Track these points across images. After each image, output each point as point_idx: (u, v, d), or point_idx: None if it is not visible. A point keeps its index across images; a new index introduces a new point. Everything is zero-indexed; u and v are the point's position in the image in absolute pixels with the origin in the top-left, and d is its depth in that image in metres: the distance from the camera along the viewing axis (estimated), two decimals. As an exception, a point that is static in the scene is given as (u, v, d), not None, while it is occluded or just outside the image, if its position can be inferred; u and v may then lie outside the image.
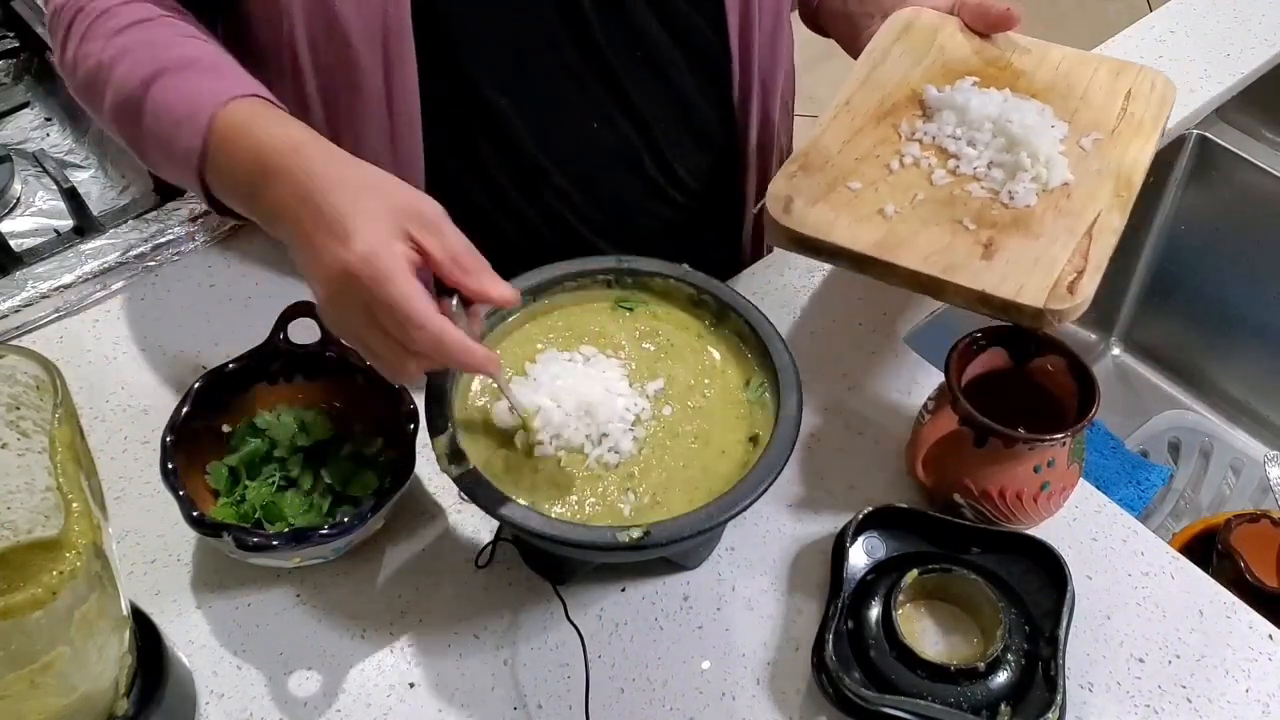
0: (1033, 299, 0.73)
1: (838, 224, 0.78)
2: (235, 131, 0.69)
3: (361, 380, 0.79)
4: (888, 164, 0.83)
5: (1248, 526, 0.95)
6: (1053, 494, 0.76)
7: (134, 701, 0.64)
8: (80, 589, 0.53)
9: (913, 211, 0.79)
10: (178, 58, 0.73)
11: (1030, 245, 0.76)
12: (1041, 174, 0.80)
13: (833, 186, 0.81)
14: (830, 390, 0.90)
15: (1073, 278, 0.74)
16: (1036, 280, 0.74)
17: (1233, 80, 1.19)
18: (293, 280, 0.96)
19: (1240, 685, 0.74)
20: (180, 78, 0.72)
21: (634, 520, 0.69)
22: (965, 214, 0.79)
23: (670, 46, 0.89)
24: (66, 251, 0.96)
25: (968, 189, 0.81)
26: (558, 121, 0.89)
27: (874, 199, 0.80)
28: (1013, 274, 0.74)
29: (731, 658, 0.75)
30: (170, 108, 0.71)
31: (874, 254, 0.76)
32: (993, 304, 0.74)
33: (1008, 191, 0.80)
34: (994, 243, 0.76)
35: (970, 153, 0.83)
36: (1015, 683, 0.70)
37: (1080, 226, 0.78)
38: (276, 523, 0.76)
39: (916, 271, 0.75)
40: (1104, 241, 0.77)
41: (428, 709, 0.72)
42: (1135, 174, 0.82)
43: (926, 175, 0.82)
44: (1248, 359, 1.29)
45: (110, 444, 0.85)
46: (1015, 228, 0.78)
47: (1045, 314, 0.73)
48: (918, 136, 0.85)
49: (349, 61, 0.80)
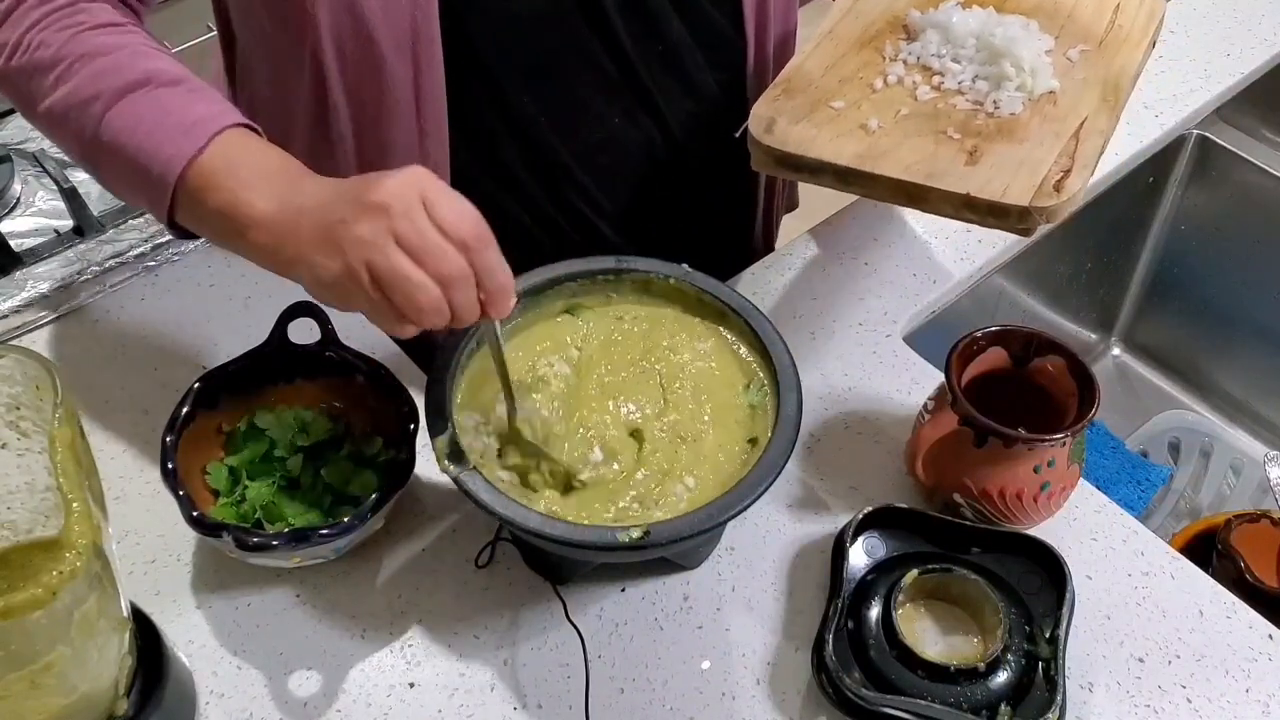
0: (1018, 198, 0.73)
1: (819, 139, 0.79)
2: (255, 148, 0.68)
3: (361, 380, 0.79)
4: (871, 84, 0.84)
5: (1248, 526, 0.95)
6: (1053, 494, 0.76)
7: (134, 701, 0.64)
8: (80, 589, 0.53)
9: (896, 125, 0.80)
10: (171, 71, 0.71)
11: (1015, 150, 0.77)
12: (1026, 82, 0.81)
13: (815, 106, 0.82)
14: (830, 390, 0.90)
15: (1059, 176, 0.74)
16: (1022, 181, 0.74)
17: (1233, 80, 1.19)
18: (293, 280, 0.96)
19: (1240, 685, 0.74)
20: (179, 90, 0.70)
21: (634, 520, 0.69)
22: (949, 125, 0.80)
23: (690, 42, 0.90)
24: (66, 251, 0.96)
25: (952, 102, 0.82)
26: (581, 120, 0.90)
27: (856, 115, 0.81)
28: (998, 177, 0.75)
29: (731, 658, 0.74)
30: (168, 113, 0.69)
31: (856, 165, 0.77)
32: (978, 207, 0.74)
33: (992, 101, 0.81)
34: (978, 150, 0.77)
35: (954, 68, 0.84)
36: (1015, 683, 0.70)
37: (1067, 130, 0.78)
38: (276, 523, 0.76)
39: (900, 180, 0.76)
40: (1092, 143, 0.77)
41: (428, 709, 0.72)
42: (1123, 80, 0.82)
43: (910, 92, 0.83)
44: (1248, 359, 1.29)
45: (110, 444, 0.85)
46: (1000, 135, 0.78)
47: (1032, 212, 0.73)
48: (901, 57, 0.86)
49: (377, 68, 0.81)
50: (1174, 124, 1.15)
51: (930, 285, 0.98)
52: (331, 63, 0.81)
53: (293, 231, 0.64)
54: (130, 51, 0.71)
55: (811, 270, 0.99)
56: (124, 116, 0.68)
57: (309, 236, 0.63)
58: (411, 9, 0.79)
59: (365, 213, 0.61)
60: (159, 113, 0.68)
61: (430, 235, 0.61)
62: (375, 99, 0.82)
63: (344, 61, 0.81)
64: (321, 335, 0.79)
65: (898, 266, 0.99)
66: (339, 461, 0.79)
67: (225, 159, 0.67)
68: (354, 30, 0.79)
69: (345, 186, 0.64)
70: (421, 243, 0.61)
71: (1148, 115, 1.15)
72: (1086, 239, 1.20)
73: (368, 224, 0.61)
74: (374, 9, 0.78)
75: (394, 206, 0.61)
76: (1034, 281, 1.17)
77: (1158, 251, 1.30)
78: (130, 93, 0.69)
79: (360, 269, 0.61)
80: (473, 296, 0.63)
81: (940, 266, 1.00)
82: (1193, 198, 1.25)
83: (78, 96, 0.69)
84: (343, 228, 0.61)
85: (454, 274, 0.61)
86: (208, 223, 0.68)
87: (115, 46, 0.71)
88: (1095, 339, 1.38)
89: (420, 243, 0.61)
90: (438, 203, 0.61)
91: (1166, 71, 1.19)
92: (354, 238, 0.61)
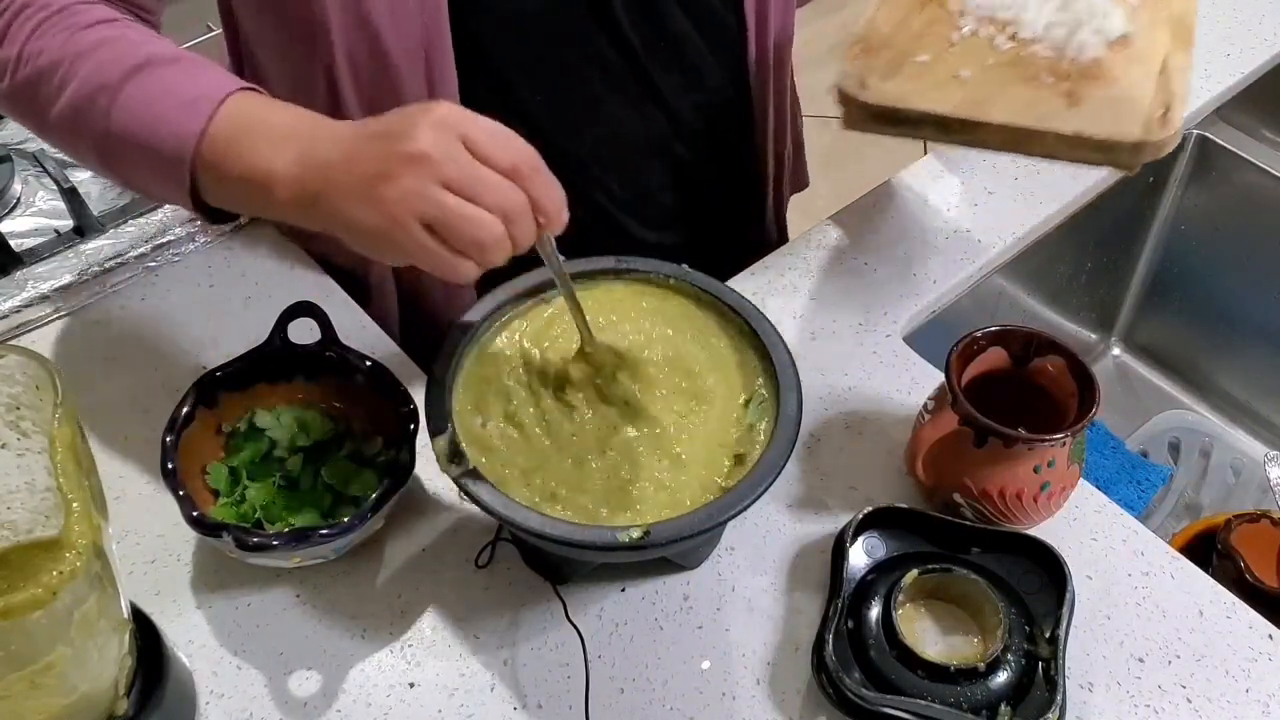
0: (1129, 134, 0.75)
1: (916, 92, 0.80)
2: (261, 109, 0.68)
3: (361, 380, 0.79)
4: (947, 37, 0.85)
5: (1248, 526, 0.95)
6: (1053, 494, 0.76)
7: (134, 701, 0.64)
8: (80, 589, 0.53)
9: (986, 75, 0.81)
10: (167, 51, 0.71)
11: (1110, 89, 0.79)
12: (1102, 25, 0.82)
13: (900, 62, 0.83)
14: (830, 390, 0.90)
15: (1161, 111, 0.77)
16: (1128, 117, 0.76)
17: (1233, 80, 1.19)
18: (293, 280, 0.97)
19: (1240, 685, 0.74)
20: (178, 68, 0.70)
21: (634, 520, 0.69)
22: (1039, 71, 0.81)
23: (693, 34, 0.91)
24: (66, 251, 0.96)
25: (1032, 50, 0.83)
26: (590, 114, 0.91)
27: (945, 68, 0.82)
28: (1103, 115, 0.77)
29: (731, 658, 0.75)
30: (170, 91, 0.68)
31: (962, 114, 0.78)
32: (1090, 145, 0.76)
33: (1075, 44, 0.82)
34: (1075, 92, 0.79)
35: (1026, 17, 0.84)
36: (1015, 683, 0.70)
37: (1153, 68, 0.80)
38: (276, 523, 0.76)
39: (1009, 125, 0.78)
40: (1181, 77, 0.79)
41: (428, 709, 0.72)
42: (1188, 18, 0.84)
43: (988, 43, 0.84)
44: (1248, 359, 1.29)
45: (110, 444, 0.85)
46: (1090, 78, 0.80)
47: (1145, 146, 0.75)
48: (970, 10, 0.86)
49: (392, 79, 0.81)
50: (1174, 124, 1.15)
51: (930, 285, 0.98)
52: (346, 78, 0.81)
53: (322, 187, 0.63)
54: (127, 40, 0.71)
55: (812, 270, 0.99)
56: (130, 103, 0.68)
57: (343, 191, 0.62)
58: (421, 17, 0.79)
59: (407, 165, 0.60)
60: (161, 93, 0.68)
61: (482, 172, 0.61)
62: (391, 107, 0.83)
63: (358, 76, 0.81)
64: (321, 335, 0.79)
65: (898, 266, 0.99)
66: (339, 461, 0.79)
67: (235, 126, 0.67)
68: (367, 45, 0.79)
69: (368, 132, 0.63)
70: (475, 183, 0.60)
71: (1148, 115, 1.15)
72: (1086, 239, 1.20)
73: (412, 177, 0.60)
74: (385, 23, 0.78)
75: (435, 154, 0.60)
76: (1034, 281, 1.17)
77: (1158, 251, 1.30)
78: (132, 78, 0.68)
79: (409, 220, 0.60)
80: (530, 224, 0.63)
81: (940, 266, 1.00)
82: (1193, 198, 1.25)
83: (82, 93, 0.69)
84: (384, 183, 0.60)
85: (514, 206, 0.61)
86: (232, 193, 0.68)
87: (113, 38, 0.71)
88: (1095, 339, 1.38)
89: (473, 184, 0.60)
90: (478, 139, 0.61)
91: (1166, 71, 1.19)
92: (400, 192, 0.60)
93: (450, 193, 0.60)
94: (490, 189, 0.61)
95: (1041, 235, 1.06)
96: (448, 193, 0.60)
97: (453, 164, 0.60)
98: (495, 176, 0.61)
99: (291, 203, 0.65)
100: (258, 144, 0.66)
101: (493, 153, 0.61)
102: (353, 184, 0.62)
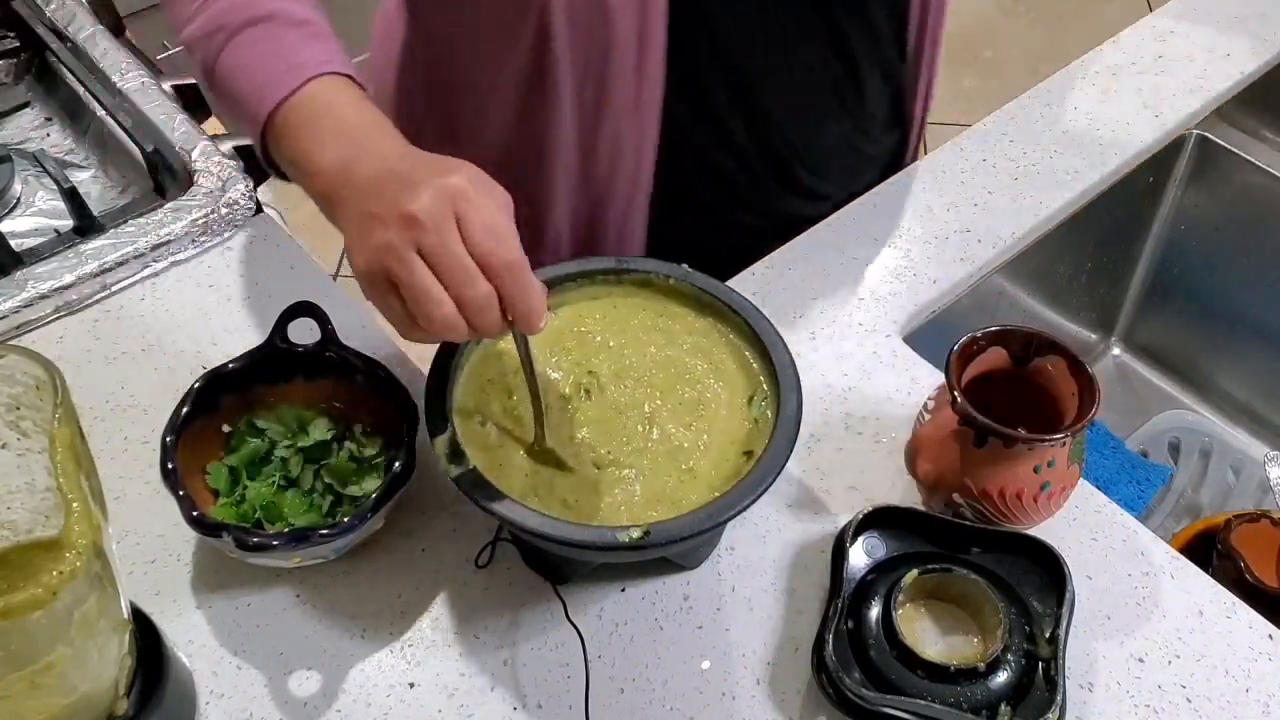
0: None
1: None
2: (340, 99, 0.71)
3: (361, 380, 0.79)
4: None
5: (1248, 526, 0.95)
6: (1053, 494, 0.76)
7: (134, 701, 0.64)
8: (80, 589, 0.53)
9: None
10: (297, 12, 0.74)
11: None
12: None
13: None
14: (830, 390, 0.90)
15: None
16: None
17: (1233, 80, 1.19)
18: (293, 280, 0.97)
19: (1240, 685, 0.74)
20: (294, 32, 0.73)
21: (634, 520, 0.69)
22: None
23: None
24: (66, 251, 0.96)
25: None
26: (789, 68, 0.93)
27: None
28: None
29: (731, 658, 0.75)
30: (274, 53, 0.72)
31: None
32: None
33: None
34: None
35: None
36: (1015, 683, 0.70)
37: None
38: (276, 523, 0.76)
39: None
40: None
41: (428, 709, 0.72)
42: None
43: None
44: (1248, 359, 1.29)
45: (110, 444, 0.85)
46: None
47: None
48: None
49: (605, 27, 0.82)
50: (1174, 124, 1.15)
51: (930, 285, 0.98)
52: (561, 26, 0.82)
53: (341, 199, 0.66)
54: None
55: (811, 270, 0.99)
56: (238, 50, 0.73)
57: (350, 214, 0.64)
58: None
59: (397, 220, 0.60)
60: (270, 51, 0.72)
61: (455, 256, 0.60)
62: (601, 54, 0.84)
63: (574, 23, 0.82)
64: (321, 335, 0.79)
65: (898, 266, 0.99)
66: (339, 461, 0.79)
67: (309, 108, 0.70)
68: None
69: (401, 168, 0.64)
70: (447, 262, 0.60)
71: (1148, 115, 1.15)
72: (1086, 239, 1.20)
73: (395, 231, 0.60)
74: None
75: (424, 221, 0.60)
76: (1034, 281, 1.17)
77: (1158, 251, 1.30)
78: (248, 28, 0.73)
79: (378, 269, 0.61)
80: (494, 318, 0.62)
81: (940, 266, 1.00)
82: (1193, 198, 1.25)
83: (207, 27, 0.74)
84: (374, 225, 0.61)
85: (475, 299, 0.61)
86: (285, 164, 0.72)
87: None
88: (1095, 339, 1.38)
89: (445, 262, 0.60)
90: (471, 220, 0.60)
91: (1166, 71, 1.19)
92: (381, 241, 0.60)
93: (420, 262, 0.60)
94: (454, 273, 0.60)
95: (1041, 235, 1.06)
96: (419, 261, 0.60)
97: (434, 236, 0.60)
98: (468, 265, 0.60)
99: (318, 197, 0.68)
100: (318, 133, 0.69)
101: (477, 237, 0.60)
102: (358, 212, 0.63)
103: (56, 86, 1.14)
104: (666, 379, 0.76)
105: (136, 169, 1.04)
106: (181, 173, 1.01)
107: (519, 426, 0.73)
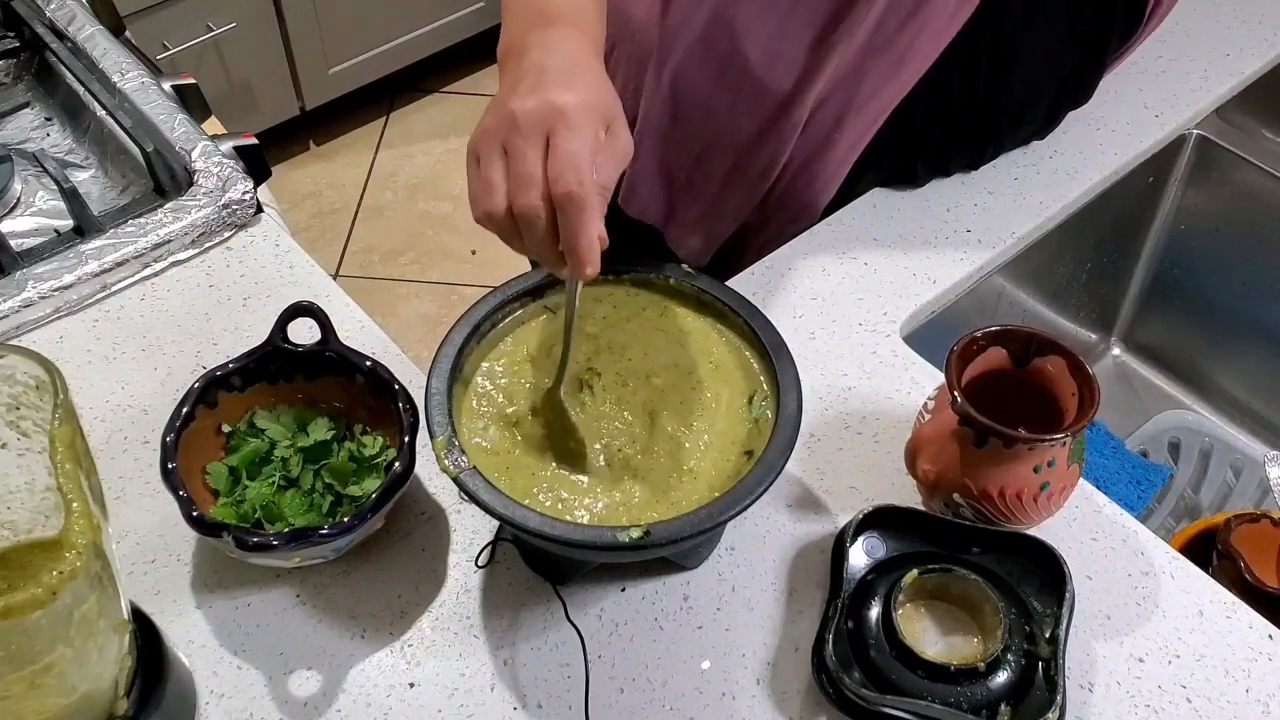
0: None
1: None
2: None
3: (361, 380, 0.79)
4: None
5: (1248, 526, 0.95)
6: (1053, 494, 0.76)
7: (134, 701, 0.64)
8: (80, 589, 0.53)
9: None
10: None
11: None
12: None
13: None
14: (830, 390, 0.90)
15: None
16: None
17: (1233, 80, 1.19)
18: (293, 280, 0.97)
19: (1240, 685, 0.74)
20: None
21: (633, 520, 0.69)
22: None
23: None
24: (66, 251, 0.96)
25: None
26: None
27: None
28: None
29: (731, 658, 0.75)
30: None
31: None
32: None
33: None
34: None
35: None
36: (1015, 683, 0.70)
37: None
38: (276, 523, 0.76)
39: None
40: None
41: (428, 709, 0.72)
42: None
43: None
44: (1248, 359, 1.28)
45: (110, 444, 0.85)
46: None
47: None
48: None
49: None
50: (1174, 124, 1.15)
51: (930, 285, 0.98)
52: None
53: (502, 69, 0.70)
54: None
55: (811, 270, 0.99)
56: None
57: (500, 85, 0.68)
58: None
59: (506, 112, 0.65)
60: None
61: (525, 164, 0.64)
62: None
63: None
64: (321, 335, 0.79)
65: (898, 266, 0.99)
66: (339, 461, 0.79)
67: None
68: None
69: (546, 70, 0.67)
70: (515, 167, 0.64)
71: (1148, 115, 1.15)
72: (1086, 239, 1.20)
73: (494, 122, 0.65)
74: None
75: (520, 124, 0.64)
76: (1034, 281, 1.17)
77: (1158, 251, 1.30)
78: None
79: (473, 148, 0.66)
80: (539, 236, 0.65)
81: (940, 266, 1.00)
82: (1193, 198, 1.25)
83: None
84: (495, 107, 0.66)
85: (524, 209, 0.64)
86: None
87: None
88: (1095, 339, 1.38)
89: (514, 167, 0.64)
90: (557, 144, 0.63)
91: (1166, 71, 1.19)
92: (487, 123, 0.66)
93: (500, 156, 0.65)
94: (517, 178, 0.64)
95: (1041, 235, 1.06)
96: (499, 153, 0.65)
97: (519, 140, 0.64)
98: (531, 174, 0.63)
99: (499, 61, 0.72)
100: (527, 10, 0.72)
101: (551, 162, 0.63)
102: (501, 89, 0.68)
103: (56, 86, 1.13)
104: (667, 379, 0.76)
105: (136, 169, 1.04)
106: (181, 173, 1.01)
107: (519, 427, 0.73)
